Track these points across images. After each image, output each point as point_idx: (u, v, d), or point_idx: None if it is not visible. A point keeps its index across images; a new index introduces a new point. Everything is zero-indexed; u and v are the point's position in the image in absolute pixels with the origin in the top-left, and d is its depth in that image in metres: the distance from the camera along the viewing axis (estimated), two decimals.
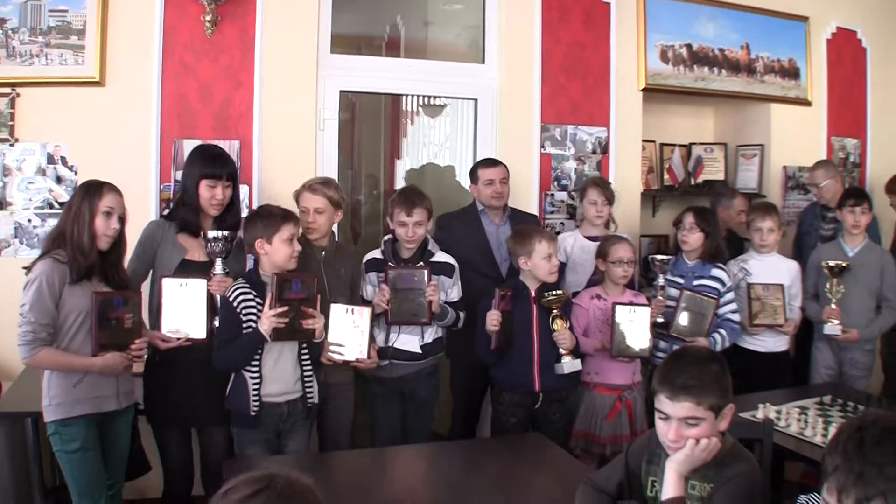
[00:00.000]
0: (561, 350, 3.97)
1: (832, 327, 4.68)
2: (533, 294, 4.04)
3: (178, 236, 3.68)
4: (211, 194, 3.66)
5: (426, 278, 3.97)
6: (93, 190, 3.29)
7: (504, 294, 3.92)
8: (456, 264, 4.22)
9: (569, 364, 3.97)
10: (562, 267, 4.55)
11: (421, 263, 4.07)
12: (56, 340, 3.19)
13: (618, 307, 4.13)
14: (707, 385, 2.29)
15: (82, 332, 3.24)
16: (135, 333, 3.34)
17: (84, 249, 3.23)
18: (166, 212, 3.86)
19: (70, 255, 3.22)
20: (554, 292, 3.98)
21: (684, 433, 2.29)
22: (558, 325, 3.97)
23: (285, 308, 3.41)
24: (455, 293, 4.21)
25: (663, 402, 2.31)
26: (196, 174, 3.68)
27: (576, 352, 4.01)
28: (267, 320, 3.39)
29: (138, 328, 3.38)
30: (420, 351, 4.10)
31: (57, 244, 3.25)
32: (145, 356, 3.46)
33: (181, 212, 3.71)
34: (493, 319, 3.87)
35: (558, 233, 5.02)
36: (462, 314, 4.21)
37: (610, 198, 4.78)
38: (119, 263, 3.42)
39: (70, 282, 3.21)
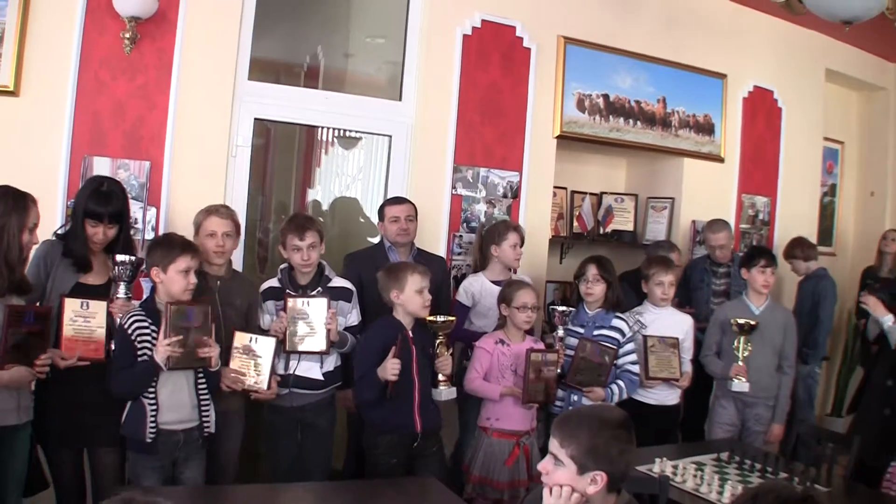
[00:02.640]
0: (440, 376, 4.24)
1: (740, 384, 4.96)
2: (410, 334, 4.18)
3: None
4: (93, 232, 3.86)
5: (326, 306, 4.19)
6: (21, 203, 3.44)
7: (403, 337, 4.10)
8: (354, 289, 4.47)
9: (447, 391, 4.25)
10: (467, 311, 4.96)
11: (319, 289, 4.32)
12: None
13: (532, 353, 4.34)
14: (577, 436, 2.45)
15: None
16: (41, 348, 3.49)
17: (13, 265, 3.41)
18: (59, 231, 4.01)
19: None
20: (442, 317, 4.23)
21: (549, 468, 2.49)
22: (442, 350, 4.24)
23: (180, 338, 3.64)
24: (354, 317, 4.44)
25: None
26: (81, 211, 3.87)
27: (451, 379, 4.31)
28: (161, 349, 3.61)
29: (45, 343, 3.53)
30: (322, 378, 4.30)
31: None
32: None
33: (71, 243, 3.87)
34: (395, 368, 4.00)
35: (465, 275, 5.40)
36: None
37: (524, 241, 5.18)
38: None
39: None
